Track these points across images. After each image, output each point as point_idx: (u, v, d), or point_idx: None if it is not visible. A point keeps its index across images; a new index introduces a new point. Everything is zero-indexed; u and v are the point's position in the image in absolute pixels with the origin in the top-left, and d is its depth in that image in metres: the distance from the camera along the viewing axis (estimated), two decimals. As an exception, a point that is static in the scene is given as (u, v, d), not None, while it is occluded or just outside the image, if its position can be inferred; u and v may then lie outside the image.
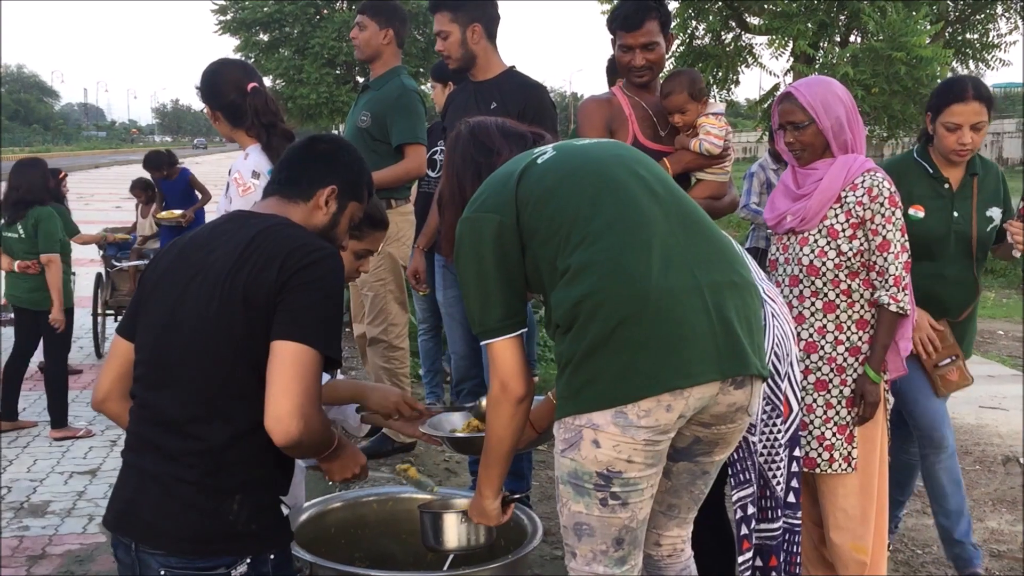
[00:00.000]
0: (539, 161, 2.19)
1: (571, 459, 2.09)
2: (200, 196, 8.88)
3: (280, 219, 2.10)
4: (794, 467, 2.77)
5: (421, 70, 25.85)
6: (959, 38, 16.25)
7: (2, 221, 5.89)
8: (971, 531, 3.66)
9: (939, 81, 13.90)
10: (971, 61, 16.29)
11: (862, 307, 3.01)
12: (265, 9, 28.53)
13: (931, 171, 3.48)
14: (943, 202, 3.46)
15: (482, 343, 2.19)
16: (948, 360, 3.50)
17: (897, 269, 2.95)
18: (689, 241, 2.10)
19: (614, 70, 4.90)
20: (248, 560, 1.98)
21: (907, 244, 2.99)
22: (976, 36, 16.37)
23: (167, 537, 1.96)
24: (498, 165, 2.27)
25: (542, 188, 2.13)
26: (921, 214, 3.43)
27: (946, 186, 3.46)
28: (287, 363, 1.90)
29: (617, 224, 2.06)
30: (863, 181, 2.96)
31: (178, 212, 8.45)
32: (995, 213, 3.52)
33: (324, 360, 1.96)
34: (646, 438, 2.02)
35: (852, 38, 14.94)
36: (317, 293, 1.97)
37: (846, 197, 2.97)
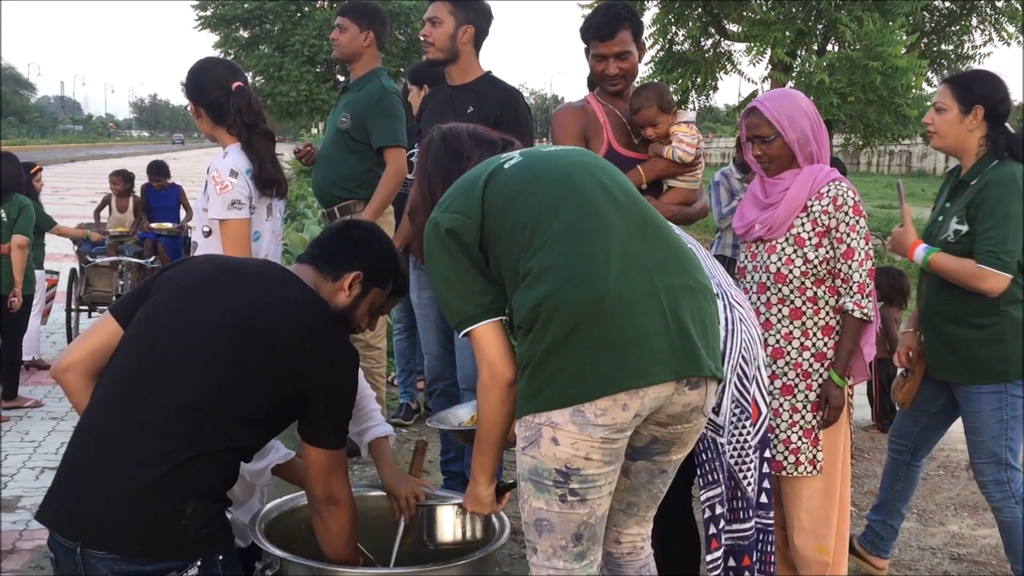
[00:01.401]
0: (506, 166, 2.24)
1: (531, 456, 2.14)
2: (185, 214, 8.95)
3: (323, 302, 2.28)
4: (764, 468, 2.83)
5: (401, 70, 25.85)
6: (934, 49, 16.47)
7: None
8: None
9: (913, 91, 14.14)
10: (946, 72, 16.50)
11: (827, 314, 3.08)
12: (246, 5, 28.47)
13: (960, 171, 3.37)
14: (939, 205, 3.44)
15: (463, 333, 2.20)
16: (901, 371, 3.64)
17: (861, 276, 3.02)
18: (647, 246, 2.16)
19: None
20: (198, 563, 2.01)
21: (871, 252, 3.06)
22: (951, 47, 16.59)
23: (117, 541, 1.96)
24: (467, 170, 2.32)
25: (507, 193, 2.18)
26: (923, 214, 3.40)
27: (961, 189, 3.33)
28: (323, 466, 2.26)
29: (576, 229, 2.11)
30: (828, 191, 3.03)
31: (170, 224, 8.57)
32: (958, 227, 3.26)
33: None
34: (603, 436, 2.08)
35: (829, 47, 15.10)
36: (345, 399, 2.27)
37: (812, 206, 3.04)
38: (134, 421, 2.01)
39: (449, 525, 2.48)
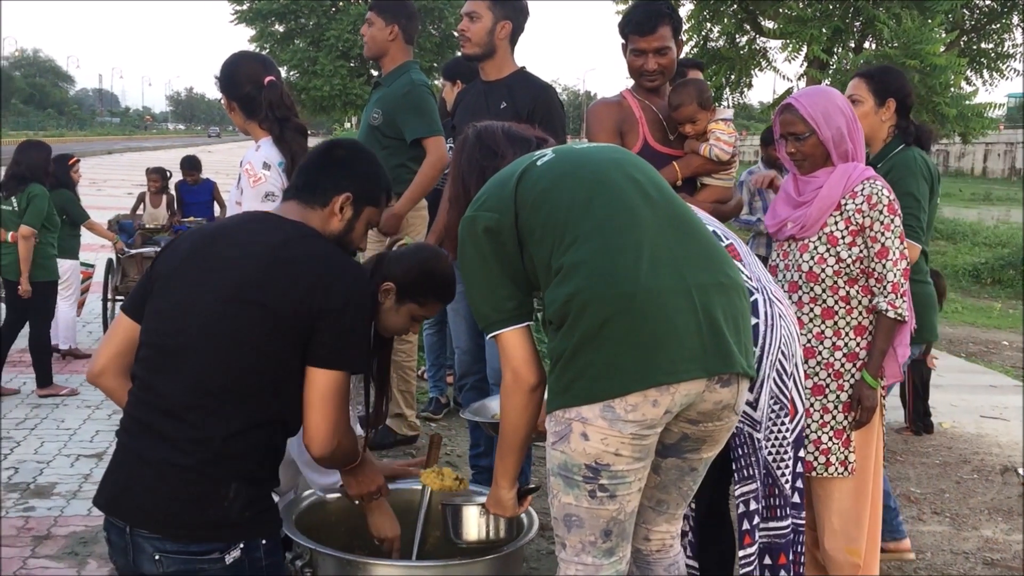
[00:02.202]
0: (538, 163, 2.24)
1: (561, 451, 2.15)
2: (219, 209, 9.04)
3: (305, 229, 2.16)
4: (798, 468, 2.80)
5: (435, 65, 25.89)
6: (974, 47, 16.22)
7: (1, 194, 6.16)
8: None
9: (952, 90, 13.96)
10: (985, 70, 16.26)
11: (860, 313, 3.05)
12: (281, 0, 28.59)
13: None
14: None
15: (490, 336, 2.22)
16: None
17: (895, 276, 2.99)
18: (679, 243, 2.15)
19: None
20: (241, 545, 2.03)
21: (905, 251, 3.02)
22: (991, 46, 16.33)
23: (161, 522, 2.00)
24: (502, 168, 2.32)
25: (539, 189, 2.18)
26: None
27: None
28: (325, 390, 2.08)
29: (608, 225, 2.11)
30: (863, 189, 3.00)
31: (203, 219, 8.66)
32: None
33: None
34: (633, 432, 2.07)
35: (866, 44, 14.93)
36: (352, 319, 2.09)
37: (846, 205, 3.01)
38: (162, 412, 2.04)
39: (474, 524, 2.50)
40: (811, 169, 3.08)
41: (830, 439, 3.07)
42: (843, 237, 3.02)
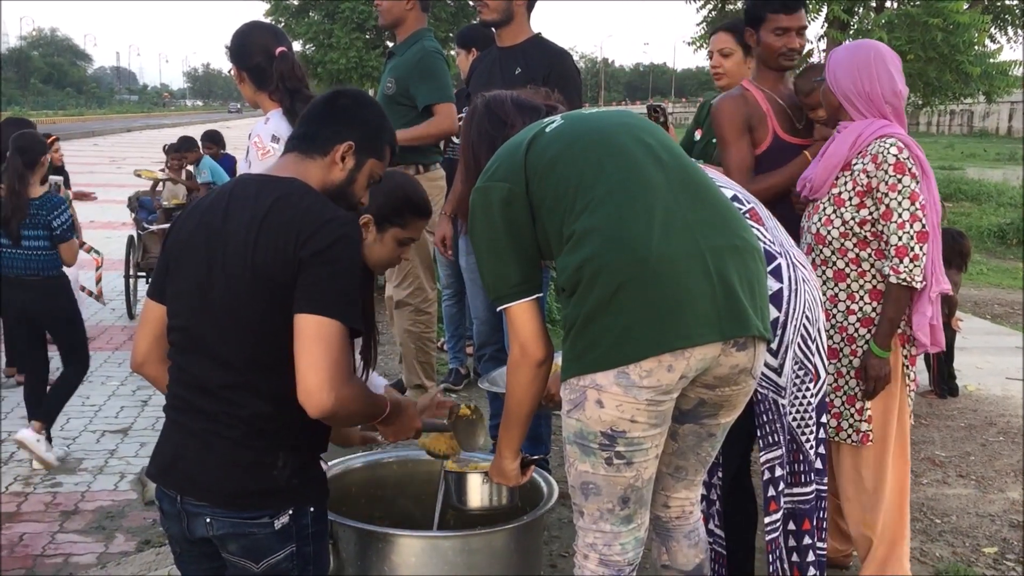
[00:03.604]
0: (547, 130, 2.22)
1: (576, 419, 2.14)
2: None
3: (295, 185, 2.08)
4: (821, 433, 2.77)
5: (451, 35, 25.72)
6: (998, 3, 15.87)
7: None
8: None
9: (976, 47, 13.69)
10: (1010, 27, 15.92)
11: (874, 277, 2.96)
12: (296, -27, 28.40)
13: None
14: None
15: (499, 308, 2.23)
16: None
17: (900, 239, 2.87)
18: (692, 206, 2.12)
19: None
20: (290, 511, 2.05)
21: (918, 213, 2.87)
22: (1016, 1, 15.98)
23: (211, 491, 2.03)
24: (511, 137, 2.30)
25: (548, 156, 2.16)
26: None
27: None
28: (311, 337, 1.93)
29: (619, 190, 2.08)
30: (871, 148, 2.91)
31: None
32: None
33: (349, 331, 1.99)
34: (648, 398, 2.06)
35: (888, 3, 14.67)
36: (333, 265, 1.98)
37: (855, 164, 2.94)
38: (198, 390, 2.05)
39: (477, 491, 2.52)
40: (826, 119, 3.13)
41: (842, 403, 3.03)
42: (850, 199, 2.94)
